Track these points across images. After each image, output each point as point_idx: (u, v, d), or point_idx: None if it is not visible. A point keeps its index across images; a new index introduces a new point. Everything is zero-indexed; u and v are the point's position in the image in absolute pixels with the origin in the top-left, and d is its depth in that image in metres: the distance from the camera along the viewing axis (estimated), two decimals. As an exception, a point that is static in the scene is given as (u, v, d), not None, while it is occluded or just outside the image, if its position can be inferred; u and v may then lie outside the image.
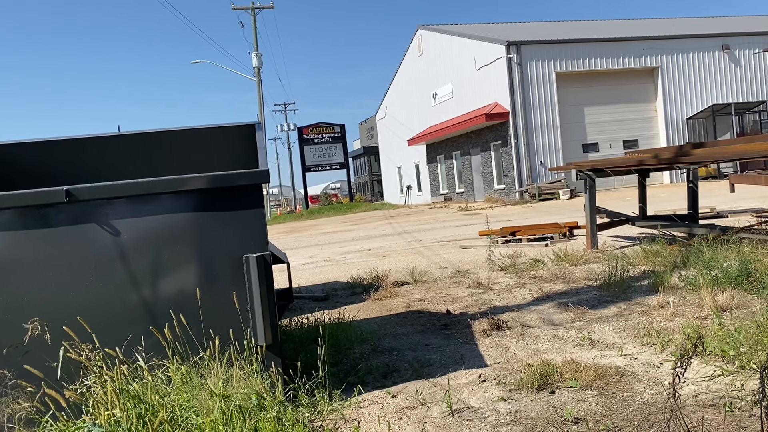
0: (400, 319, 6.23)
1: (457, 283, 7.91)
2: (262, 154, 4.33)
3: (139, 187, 3.63)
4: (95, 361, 3.10)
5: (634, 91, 28.74)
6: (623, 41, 28.26)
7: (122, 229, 3.61)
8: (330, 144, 44.53)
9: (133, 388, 3.12)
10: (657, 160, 9.16)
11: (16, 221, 3.52)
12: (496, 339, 5.07)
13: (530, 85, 27.17)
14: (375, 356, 4.89)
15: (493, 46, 28.00)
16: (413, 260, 10.68)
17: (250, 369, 3.46)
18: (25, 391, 3.21)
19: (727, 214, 11.53)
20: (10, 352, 3.27)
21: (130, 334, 3.52)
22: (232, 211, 3.71)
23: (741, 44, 29.35)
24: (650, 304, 5.65)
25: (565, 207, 21.01)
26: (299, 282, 9.33)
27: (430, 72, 35.53)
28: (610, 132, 28.34)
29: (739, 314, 4.87)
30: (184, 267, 3.72)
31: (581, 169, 9.85)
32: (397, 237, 16.43)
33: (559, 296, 6.48)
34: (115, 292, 3.60)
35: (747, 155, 7.90)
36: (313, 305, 7.38)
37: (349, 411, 3.76)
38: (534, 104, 27.25)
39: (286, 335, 5.40)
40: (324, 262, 12.09)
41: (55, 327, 3.22)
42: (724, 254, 6.61)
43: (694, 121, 28.75)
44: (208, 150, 5.44)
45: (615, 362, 4.18)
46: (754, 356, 3.71)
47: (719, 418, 3.11)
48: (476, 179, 31.76)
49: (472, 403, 3.70)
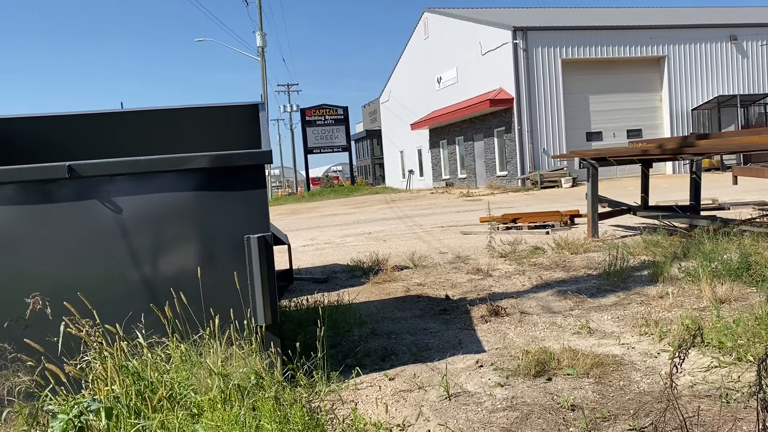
0: (399, 303, 6.25)
1: (456, 269, 7.92)
2: (264, 134, 4.31)
3: (141, 165, 3.62)
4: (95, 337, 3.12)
5: (639, 81, 28.55)
6: (630, 29, 28.01)
7: (124, 207, 3.60)
8: (333, 126, 44.35)
9: (133, 365, 3.14)
10: (661, 151, 9.13)
11: (17, 196, 3.52)
12: (495, 325, 5.09)
13: (535, 71, 26.99)
14: (373, 339, 4.91)
15: (499, 31, 27.77)
16: (413, 245, 10.69)
17: (249, 349, 3.48)
18: (25, 365, 3.22)
19: (729, 206, 11.51)
20: (11, 326, 3.29)
21: (131, 311, 3.53)
22: (234, 191, 3.70)
23: (749, 35, 29.10)
24: (649, 294, 5.66)
25: (567, 195, 20.98)
26: (299, 264, 9.35)
27: (435, 56, 35.28)
28: (614, 121, 28.20)
29: (738, 306, 4.88)
30: (185, 246, 3.73)
31: (584, 157, 9.82)
32: (398, 221, 16.44)
33: (559, 284, 6.49)
34: (116, 269, 3.61)
35: (751, 147, 7.87)
36: (312, 287, 7.40)
37: (346, 392, 3.79)
38: (539, 91, 27.08)
39: (285, 316, 5.42)
40: (324, 245, 12.10)
41: (55, 302, 3.22)
42: (724, 246, 6.61)
43: (699, 112, 28.60)
44: (210, 129, 5.42)
45: (612, 351, 4.20)
46: (752, 348, 3.73)
47: (715, 408, 3.13)
48: (478, 165, 31.68)
49: (469, 388, 3.72)
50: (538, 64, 27.03)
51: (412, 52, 39.13)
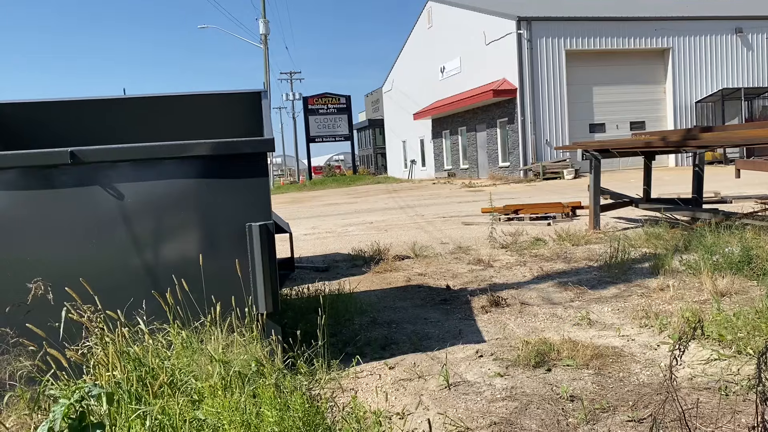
0: (400, 292, 6.26)
1: (457, 259, 7.93)
2: (267, 122, 4.30)
3: (143, 152, 3.61)
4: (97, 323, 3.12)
5: (643, 72, 28.41)
6: (635, 21, 27.84)
7: (126, 193, 3.60)
8: (335, 115, 44.24)
9: (134, 351, 3.15)
10: (664, 143, 9.10)
11: (19, 182, 3.52)
12: (495, 315, 5.10)
13: (539, 62, 26.86)
14: (374, 328, 4.93)
15: (504, 21, 27.62)
16: (415, 235, 10.69)
17: (250, 336, 3.49)
18: (27, 350, 3.24)
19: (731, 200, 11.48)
20: (13, 310, 3.29)
21: (132, 297, 3.53)
22: (237, 178, 3.70)
23: (755, 28, 28.92)
24: (650, 286, 5.66)
25: (569, 187, 20.94)
26: (300, 252, 9.36)
27: (438, 45, 35.11)
28: (617, 113, 28.08)
29: (739, 300, 4.88)
30: (187, 233, 3.73)
31: (587, 149, 9.79)
32: (400, 211, 16.43)
33: (560, 275, 6.49)
34: (118, 256, 3.61)
35: (755, 141, 7.84)
36: (313, 276, 7.41)
37: (346, 381, 3.80)
38: (542, 82, 26.98)
39: (286, 304, 5.43)
40: (326, 234, 12.11)
41: (57, 288, 3.23)
42: (726, 239, 6.60)
43: (702, 104, 28.48)
44: (212, 116, 5.41)
45: (612, 342, 4.20)
46: (752, 342, 3.73)
47: (714, 401, 3.14)
48: (481, 156, 31.62)
49: (469, 378, 3.73)
50: (542, 55, 26.90)
51: (415, 42, 38.95)
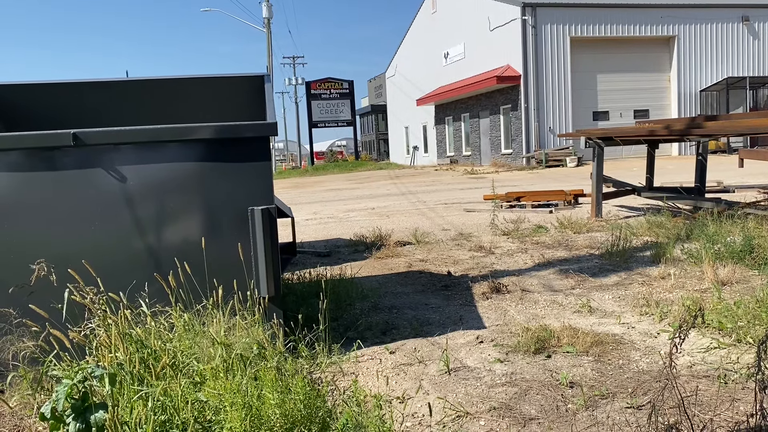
0: (401, 278, 6.27)
1: (459, 246, 7.94)
2: (270, 106, 4.29)
3: (146, 134, 3.61)
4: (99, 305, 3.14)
5: (648, 61, 28.24)
6: (641, 8, 27.62)
7: (129, 176, 3.60)
8: (338, 100, 44.06)
9: (136, 333, 3.16)
10: (668, 131, 9.06)
11: (22, 163, 3.52)
12: (496, 302, 5.11)
13: (543, 49, 26.70)
14: (375, 313, 4.94)
15: (508, 6, 27.41)
16: (416, 221, 10.70)
17: (252, 319, 3.50)
18: (30, 331, 3.25)
19: (734, 189, 11.46)
20: (16, 291, 3.31)
21: (134, 279, 3.55)
22: (239, 162, 3.70)
23: (761, 16, 28.67)
24: (651, 274, 5.67)
25: (572, 174, 20.89)
26: (302, 237, 9.37)
27: (442, 30, 34.88)
28: (621, 101, 27.96)
29: (740, 289, 4.89)
30: (190, 216, 3.73)
31: (591, 136, 9.75)
32: (402, 197, 16.42)
33: (561, 263, 6.50)
34: (120, 238, 3.62)
35: (759, 130, 7.81)
36: (315, 261, 7.43)
37: (347, 365, 3.82)
38: (546, 69, 26.83)
39: (288, 288, 5.45)
40: (328, 219, 12.12)
41: (60, 269, 3.24)
42: (728, 229, 6.60)
43: (707, 93, 28.32)
44: (215, 99, 5.39)
45: (612, 330, 4.22)
46: (752, 330, 3.74)
47: (713, 389, 3.15)
48: (483, 143, 31.52)
49: (469, 363, 3.75)
50: (547, 41, 26.73)
51: (419, 27, 38.69)
